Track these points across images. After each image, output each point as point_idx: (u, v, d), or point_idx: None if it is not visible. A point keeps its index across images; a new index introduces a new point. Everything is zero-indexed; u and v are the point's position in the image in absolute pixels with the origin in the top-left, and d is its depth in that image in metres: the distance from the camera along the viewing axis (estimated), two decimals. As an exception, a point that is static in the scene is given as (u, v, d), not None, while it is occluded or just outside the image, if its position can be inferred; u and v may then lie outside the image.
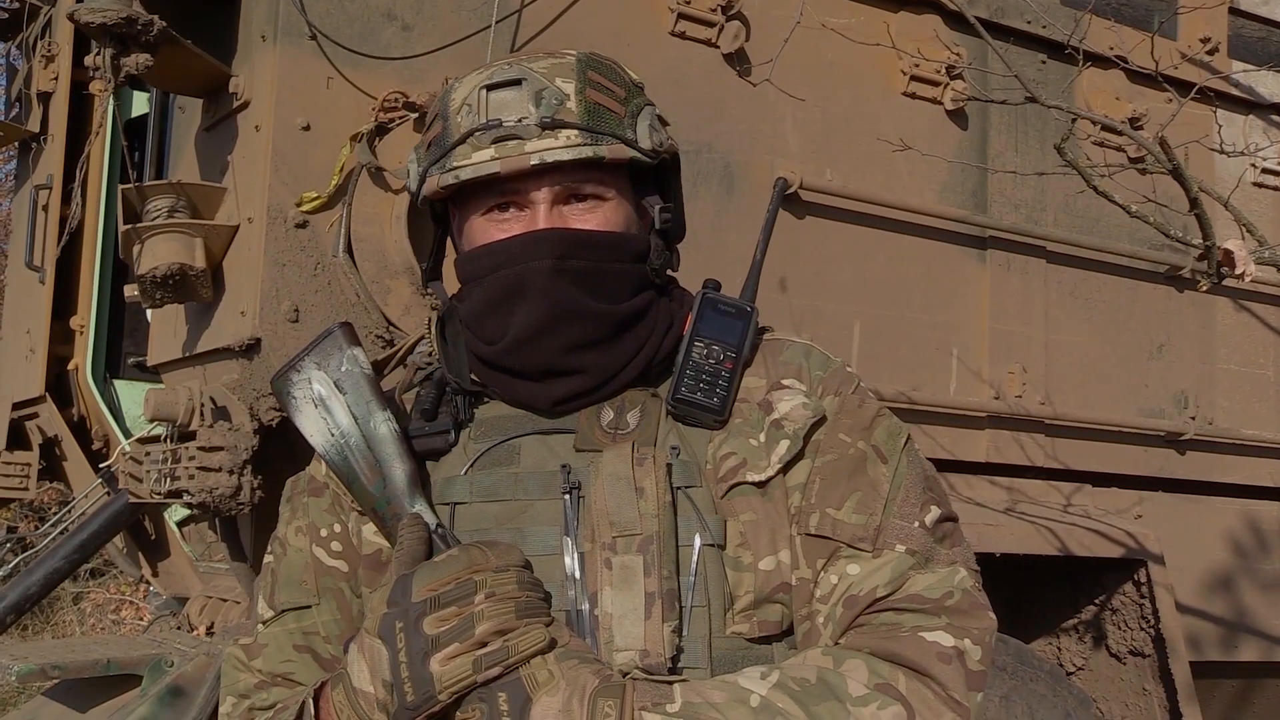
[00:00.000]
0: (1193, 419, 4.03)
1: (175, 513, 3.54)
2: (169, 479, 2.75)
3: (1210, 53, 4.10)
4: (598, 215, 1.31)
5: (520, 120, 1.27)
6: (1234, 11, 4.27)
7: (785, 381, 1.34)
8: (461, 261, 1.35)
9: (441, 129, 1.32)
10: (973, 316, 3.68)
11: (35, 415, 3.76)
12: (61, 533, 3.55)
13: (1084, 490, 3.83)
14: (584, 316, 1.29)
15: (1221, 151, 3.44)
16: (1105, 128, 3.70)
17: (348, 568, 1.37)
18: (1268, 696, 4.27)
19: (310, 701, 1.26)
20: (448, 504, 1.32)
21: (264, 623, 1.38)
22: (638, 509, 1.25)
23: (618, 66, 1.37)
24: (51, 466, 3.81)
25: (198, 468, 2.66)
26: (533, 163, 1.26)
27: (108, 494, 3.44)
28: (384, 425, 1.31)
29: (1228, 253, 3.07)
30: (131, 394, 3.74)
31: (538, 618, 1.16)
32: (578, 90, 1.29)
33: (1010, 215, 3.75)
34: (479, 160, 1.27)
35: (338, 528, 1.37)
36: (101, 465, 3.54)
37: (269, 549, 1.42)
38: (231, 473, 2.68)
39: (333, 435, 1.33)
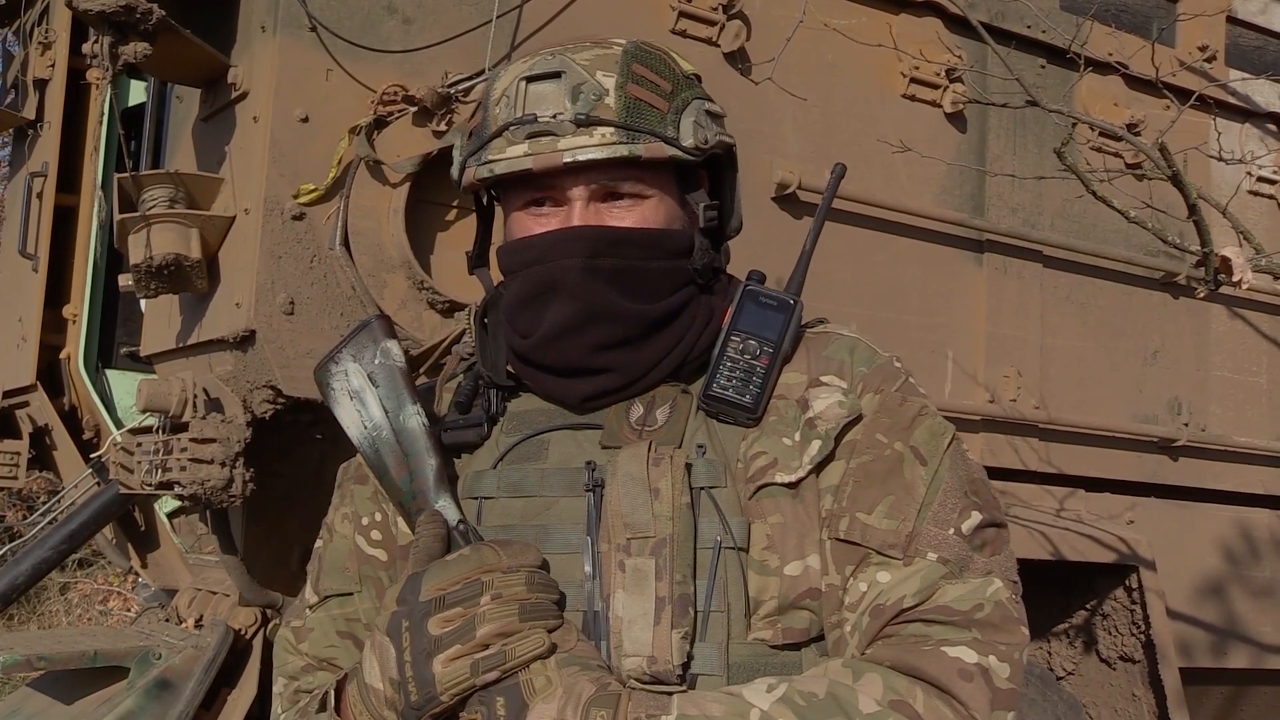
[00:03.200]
0: (1186, 425, 4.04)
1: (165, 504, 3.52)
2: (160, 470, 2.73)
3: (1208, 60, 4.11)
4: (636, 213, 1.28)
5: (555, 115, 1.24)
6: (1232, 20, 4.28)
7: (824, 378, 1.29)
8: (500, 253, 1.34)
9: (482, 119, 1.30)
10: (969, 319, 3.68)
11: (26, 404, 3.74)
12: (50, 522, 3.54)
13: (1077, 495, 3.83)
14: (615, 316, 1.26)
15: (1220, 159, 3.44)
16: (1104, 133, 3.71)
17: (386, 557, 1.36)
18: (1257, 704, 4.28)
19: (331, 692, 1.26)
20: (476, 498, 1.30)
21: (311, 607, 1.39)
22: (652, 511, 1.21)
23: (669, 57, 1.32)
24: (41, 456, 3.79)
25: (189, 459, 2.65)
26: (565, 160, 1.23)
27: (98, 484, 3.43)
28: (413, 419, 1.31)
29: (1225, 260, 3.07)
30: (123, 384, 3.73)
31: (543, 621, 1.14)
32: (618, 85, 1.25)
33: (1008, 219, 3.75)
34: (512, 155, 1.25)
35: (379, 516, 1.37)
36: (92, 455, 3.53)
37: (320, 533, 1.43)
38: (223, 465, 2.67)
39: (365, 428, 1.33)
